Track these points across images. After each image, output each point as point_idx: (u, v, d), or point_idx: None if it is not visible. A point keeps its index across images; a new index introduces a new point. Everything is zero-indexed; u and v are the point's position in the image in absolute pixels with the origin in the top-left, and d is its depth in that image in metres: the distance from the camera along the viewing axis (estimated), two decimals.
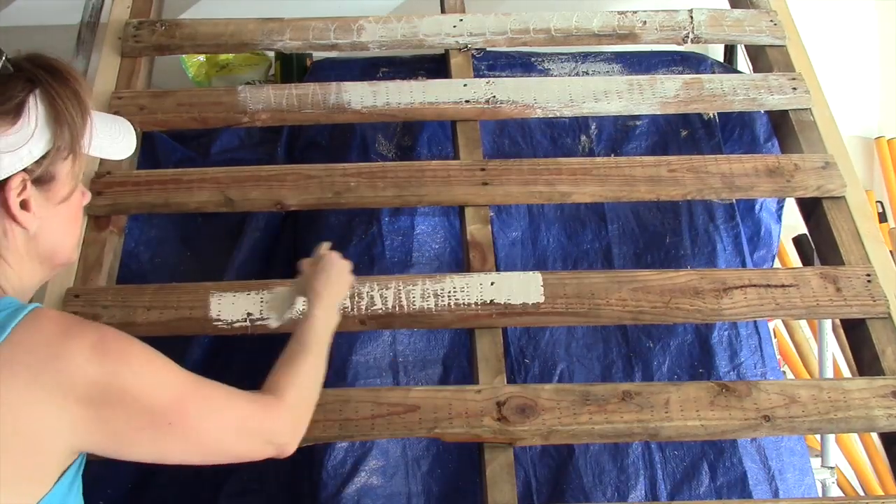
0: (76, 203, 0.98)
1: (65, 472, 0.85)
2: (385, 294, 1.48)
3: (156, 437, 0.88)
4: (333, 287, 1.23)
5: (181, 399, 0.90)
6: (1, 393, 0.78)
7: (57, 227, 0.95)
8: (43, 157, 0.90)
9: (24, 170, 0.89)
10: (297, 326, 1.16)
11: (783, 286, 1.52)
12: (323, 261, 1.26)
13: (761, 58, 1.94)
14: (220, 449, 0.96)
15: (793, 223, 1.99)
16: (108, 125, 1.03)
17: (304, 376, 1.08)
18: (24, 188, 0.89)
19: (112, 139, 1.02)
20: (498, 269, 1.59)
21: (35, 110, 0.89)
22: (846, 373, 2.34)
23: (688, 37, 1.92)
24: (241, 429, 0.97)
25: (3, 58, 0.89)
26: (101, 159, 1.61)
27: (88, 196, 1.02)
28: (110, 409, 0.84)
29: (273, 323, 1.37)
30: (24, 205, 0.90)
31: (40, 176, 0.90)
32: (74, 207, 0.97)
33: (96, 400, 0.83)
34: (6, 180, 0.88)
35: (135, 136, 1.08)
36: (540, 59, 2.06)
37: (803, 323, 2.58)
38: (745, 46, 2.00)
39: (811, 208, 1.70)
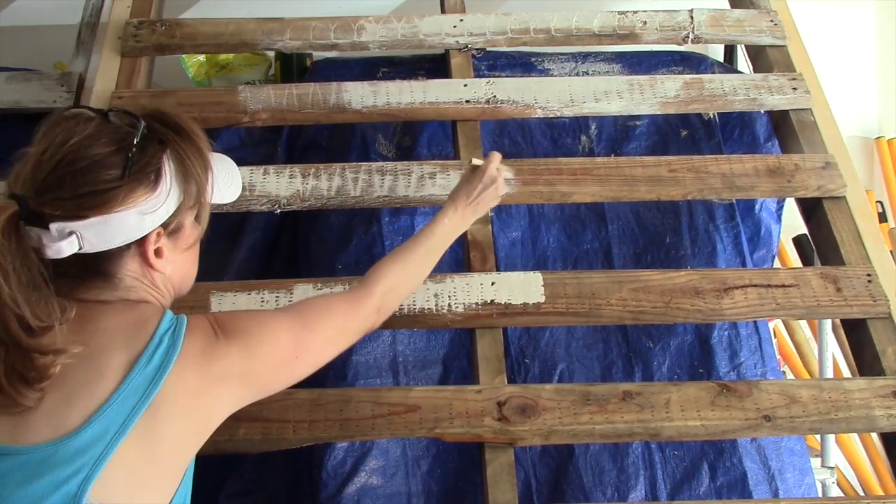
0: (197, 243, 1.11)
1: None
2: None
3: (287, 372, 1.08)
4: (475, 203, 1.38)
5: (297, 338, 1.08)
6: (184, 390, 0.94)
7: (185, 266, 1.08)
8: (175, 212, 1.01)
9: (161, 224, 1.00)
10: (426, 225, 1.33)
11: (784, 286, 1.52)
12: (480, 175, 1.39)
13: (761, 58, 1.94)
14: (331, 354, 1.15)
15: (793, 223, 1.98)
16: (222, 169, 1.14)
17: (405, 268, 1.27)
18: (159, 239, 1.01)
19: (226, 182, 1.15)
20: (498, 269, 1.59)
21: (168, 171, 1.00)
22: (846, 373, 2.34)
23: (688, 37, 1.92)
24: (341, 335, 1.16)
25: (143, 126, 0.99)
26: None
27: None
28: (255, 376, 1.02)
29: None
30: (157, 252, 1.01)
31: (171, 227, 1.02)
32: (196, 246, 1.10)
33: (244, 375, 1.01)
34: (146, 236, 0.99)
35: (240, 177, 1.21)
36: (540, 59, 2.06)
37: (803, 323, 2.58)
38: (746, 46, 2.00)
39: (812, 208, 1.70)
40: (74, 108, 1.01)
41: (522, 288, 1.50)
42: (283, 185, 1.61)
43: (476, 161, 1.42)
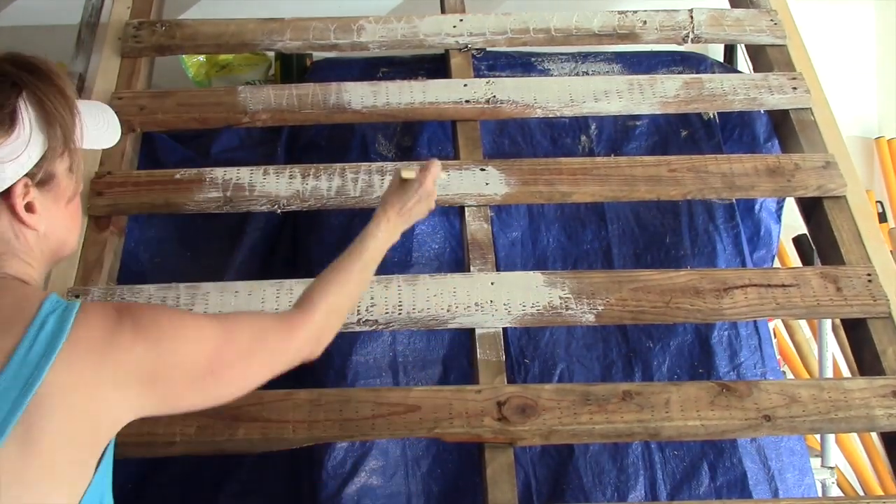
0: (77, 198, 1.01)
1: (104, 452, 0.89)
2: (385, 294, 1.48)
3: (201, 388, 0.95)
4: (406, 215, 1.25)
5: (216, 352, 0.95)
6: (73, 383, 0.83)
7: (62, 224, 0.98)
8: (41, 159, 0.92)
9: (26, 174, 0.91)
10: (356, 240, 1.19)
11: (784, 286, 1.52)
12: (417, 187, 1.25)
13: (761, 57, 1.94)
14: (256, 380, 1.02)
15: (793, 223, 1.98)
16: (94, 114, 1.05)
17: (341, 290, 1.13)
18: (28, 192, 0.92)
19: (99, 128, 1.04)
20: (498, 269, 1.59)
21: (26, 115, 0.91)
22: (846, 373, 2.34)
23: (688, 36, 1.92)
24: (272, 361, 1.03)
25: None
26: (102, 159, 1.63)
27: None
28: (161, 381, 0.90)
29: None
30: (28, 207, 0.92)
31: (41, 177, 0.93)
32: (75, 201, 1.01)
33: (149, 377, 0.89)
34: (11, 187, 0.90)
35: (118, 121, 1.09)
36: (540, 59, 2.06)
37: (803, 323, 2.58)
38: (746, 46, 2.00)
39: (811, 208, 1.70)
40: None
41: (522, 288, 1.50)
42: (283, 185, 1.61)
43: (406, 174, 1.26)
